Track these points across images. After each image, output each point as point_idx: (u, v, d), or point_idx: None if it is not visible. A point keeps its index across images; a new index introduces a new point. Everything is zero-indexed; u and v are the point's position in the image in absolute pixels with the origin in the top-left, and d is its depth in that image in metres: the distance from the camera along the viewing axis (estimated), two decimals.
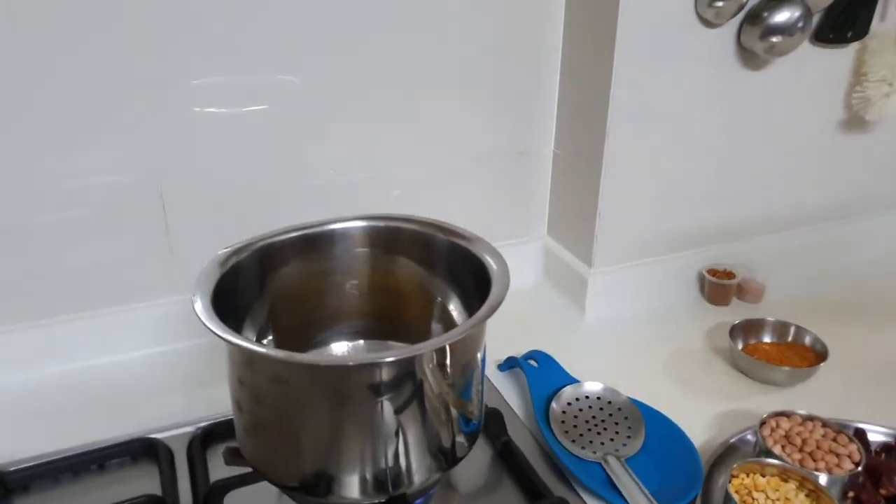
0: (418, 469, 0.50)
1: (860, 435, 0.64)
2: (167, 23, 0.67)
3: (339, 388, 0.46)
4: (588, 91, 0.81)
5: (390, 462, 0.48)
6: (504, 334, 0.78)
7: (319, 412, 0.47)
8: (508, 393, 0.74)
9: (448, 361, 0.48)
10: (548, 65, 0.85)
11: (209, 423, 0.66)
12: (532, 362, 0.75)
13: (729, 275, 0.90)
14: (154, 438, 0.64)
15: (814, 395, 0.73)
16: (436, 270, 0.60)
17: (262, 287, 0.59)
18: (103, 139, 0.70)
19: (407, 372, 0.46)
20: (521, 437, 0.66)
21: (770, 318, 0.81)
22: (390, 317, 0.65)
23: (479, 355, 0.52)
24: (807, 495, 0.57)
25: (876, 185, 0.99)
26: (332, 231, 0.61)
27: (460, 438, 0.53)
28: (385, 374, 0.46)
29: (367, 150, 0.81)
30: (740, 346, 0.79)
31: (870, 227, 1.00)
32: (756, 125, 0.86)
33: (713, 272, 0.91)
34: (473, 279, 0.55)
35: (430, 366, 0.47)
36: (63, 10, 0.64)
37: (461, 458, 0.53)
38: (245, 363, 0.48)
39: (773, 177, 0.91)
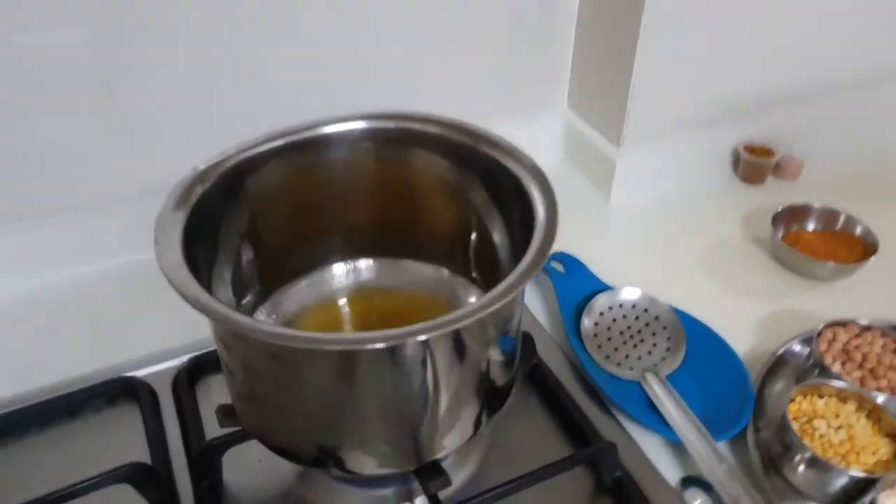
0: (451, 436, 0.43)
1: None
2: None
3: (353, 367, 0.37)
4: None
5: (419, 432, 0.41)
6: None
7: (331, 387, 0.39)
8: (532, 301, 0.67)
9: (488, 327, 0.39)
10: None
11: (196, 353, 0.57)
12: (557, 266, 0.68)
13: (768, 152, 0.81)
14: (133, 377, 0.56)
15: (864, 294, 0.67)
16: (464, 179, 0.49)
17: (239, 206, 0.47)
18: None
19: (437, 344, 0.37)
20: (551, 355, 0.60)
21: (816, 205, 0.73)
22: (405, 230, 0.54)
23: (517, 307, 0.44)
24: (867, 417, 0.52)
25: None
26: (328, 136, 0.49)
27: (496, 399, 0.45)
28: (413, 350, 0.37)
29: (365, 10, 0.66)
30: (780, 235, 0.71)
31: None
32: None
33: (750, 149, 0.81)
34: (513, 197, 0.44)
35: (467, 334, 0.38)
36: None
37: (495, 414, 0.47)
38: (233, 342, 0.39)
39: (818, 36, 0.78)
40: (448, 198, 0.51)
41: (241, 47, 0.63)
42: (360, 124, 0.49)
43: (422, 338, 0.35)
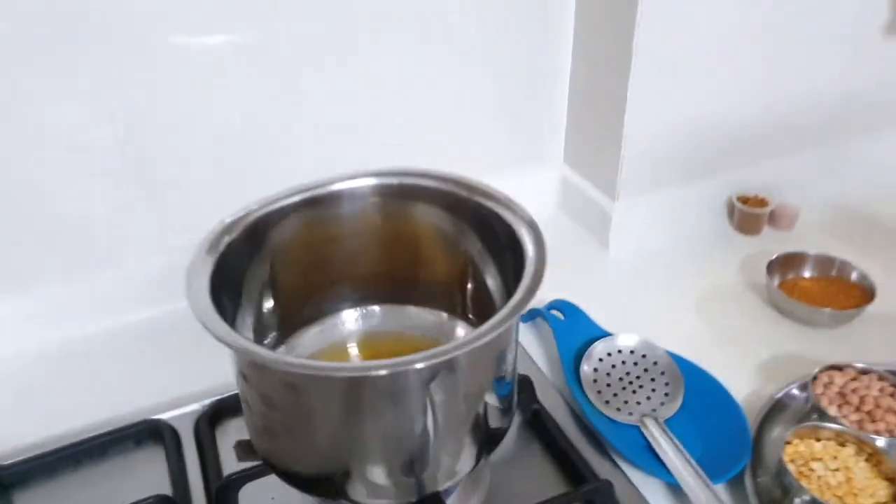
0: (451, 468, 0.44)
1: None
2: None
3: (359, 395, 0.39)
4: (609, 15, 0.70)
5: (420, 463, 0.43)
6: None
7: (340, 417, 0.41)
8: (533, 348, 0.68)
9: (483, 360, 0.41)
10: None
11: (216, 398, 0.60)
12: (557, 314, 0.69)
13: (762, 202, 0.83)
14: (158, 420, 0.58)
15: (862, 339, 0.68)
16: (460, 229, 0.52)
17: (261, 257, 0.51)
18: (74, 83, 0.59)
19: (435, 373, 0.39)
20: (552, 401, 0.61)
21: (812, 252, 0.74)
22: (408, 278, 0.57)
23: (511, 343, 0.45)
24: (866, 460, 0.53)
25: None
26: (340, 191, 0.52)
27: (495, 430, 0.47)
28: (413, 378, 0.39)
29: (367, 77, 0.70)
30: (776, 283, 0.73)
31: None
32: (790, 32, 0.76)
33: (744, 199, 0.83)
34: (505, 243, 0.47)
35: (462, 364, 0.40)
36: None
37: (494, 449, 0.48)
38: (252, 372, 0.41)
39: (809, 85, 0.82)
40: (446, 247, 0.54)
41: (260, 112, 0.67)
42: (368, 181, 0.53)
43: (419, 366, 0.37)
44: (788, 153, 0.85)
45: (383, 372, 0.37)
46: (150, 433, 0.58)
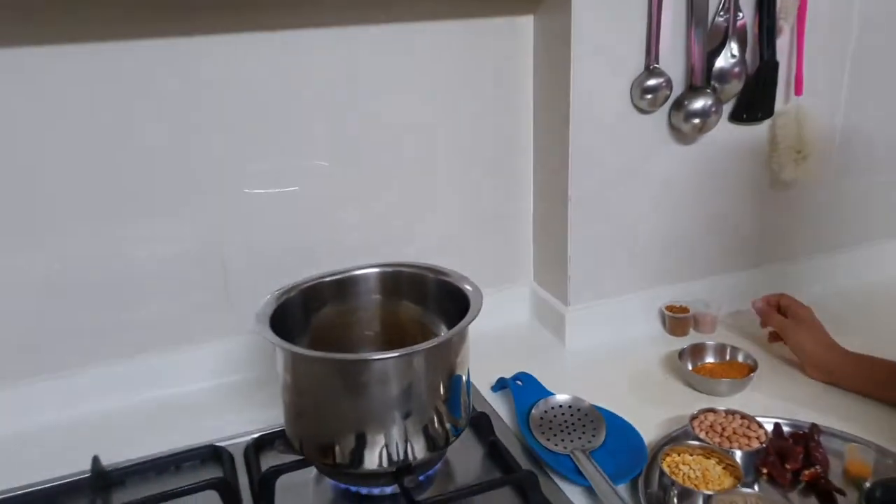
0: (420, 446, 0.69)
1: (777, 427, 0.81)
2: (228, 123, 0.91)
3: (358, 379, 0.66)
4: (553, 169, 1.03)
5: (397, 440, 0.67)
6: (497, 362, 0.99)
7: (344, 398, 0.67)
8: (499, 407, 0.92)
9: (438, 362, 0.68)
10: (524, 153, 1.08)
11: (261, 433, 0.84)
12: (518, 382, 0.94)
13: (684, 309, 1.09)
14: (218, 445, 0.83)
15: (749, 399, 0.90)
16: (427, 304, 0.81)
17: (306, 318, 0.80)
18: (178, 214, 0.93)
19: (407, 367, 0.66)
20: (507, 439, 0.84)
21: (710, 342, 0.99)
22: (397, 342, 0.84)
23: (461, 359, 0.72)
24: (724, 468, 0.74)
25: (802, 231, 1.18)
26: (356, 276, 0.83)
27: (450, 423, 0.72)
28: (391, 367, 0.66)
29: (382, 217, 1.03)
30: (689, 367, 0.96)
31: (803, 268, 1.18)
32: (696, 184, 1.07)
33: (670, 308, 1.09)
34: (457, 307, 0.75)
35: (424, 363, 0.67)
36: (143, 117, 0.88)
37: (453, 440, 0.72)
38: (290, 364, 0.69)
39: (716, 228, 1.11)
40: (418, 324, 0.83)
41: (306, 237, 0.99)
42: (373, 269, 0.83)
43: (394, 354, 0.64)
44: (702, 275, 1.12)
45: (376, 357, 0.64)
46: (212, 454, 0.82)
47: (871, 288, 1.20)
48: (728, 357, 0.97)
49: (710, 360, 0.98)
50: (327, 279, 0.81)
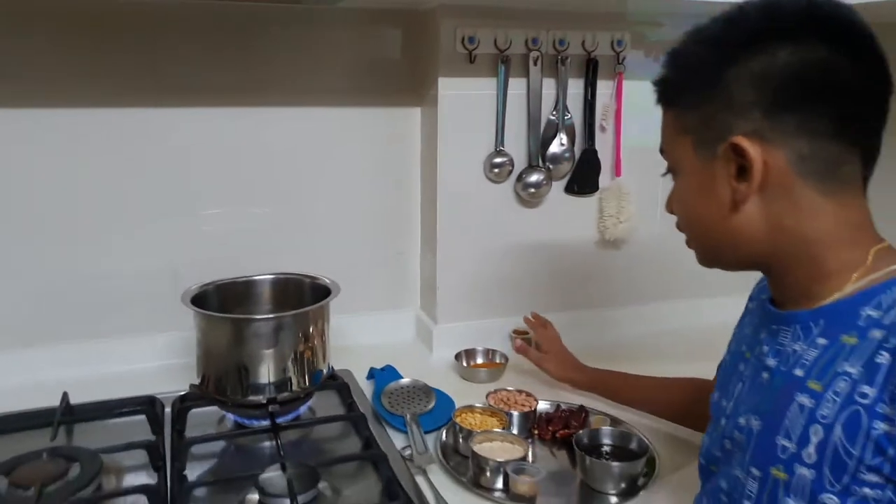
0: (285, 387, 1.01)
1: (557, 405, 1.12)
2: (189, 178, 1.29)
3: (243, 333, 0.99)
4: (429, 224, 1.39)
5: (270, 379, 1.00)
6: (378, 363, 1.31)
7: (234, 347, 1.00)
8: (367, 389, 1.24)
9: (301, 327, 1.02)
10: (416, 211, 1.45)
11: (184, 392, 1.16)
12: (382, 370, 1.27)
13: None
14: (154, 396, 1.15)
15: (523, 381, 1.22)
16: (304, 299, 1.15)
17: (219, 303, 1.14)
18: (145, 242, 1.29)
19: (277, 327, 1.00)
20: (363, 404, 1.16)
21: (480, 348, 1.35)
22: None
23: (322, 329, 1.06)
24: (499, 422, 1.05)
25: (621, 282, 1.52)
26: (256, 279, 1.17)
27: (308, 374, 1.05)
28: (265, 326, 1.00)
29: (303, 248, 1.38)
30: (464, 364, 1.32)
31: (620, 314, 1.51)
32: (537, 239, 1.42)
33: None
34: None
35: (293, 325, 1.01)
36: (134, 162, 1.26)
37: (311, 388, 1.04)
38: (201, 324, 1.02)
39: (554, 274, 1.45)
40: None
41: (243, 255, 1.35)
42: (269, 276, 1.18)
43: (265, 317, 0.98)
44: (542, 311, 1.45)
45: (257, 318, 0.98)
46: (151, 402, 1.13)
47: (671, 334, 1.48)
48: (491, 357, 1.35)
49: (480, 360, 1.34)
50: (239, 280, 1.16)
